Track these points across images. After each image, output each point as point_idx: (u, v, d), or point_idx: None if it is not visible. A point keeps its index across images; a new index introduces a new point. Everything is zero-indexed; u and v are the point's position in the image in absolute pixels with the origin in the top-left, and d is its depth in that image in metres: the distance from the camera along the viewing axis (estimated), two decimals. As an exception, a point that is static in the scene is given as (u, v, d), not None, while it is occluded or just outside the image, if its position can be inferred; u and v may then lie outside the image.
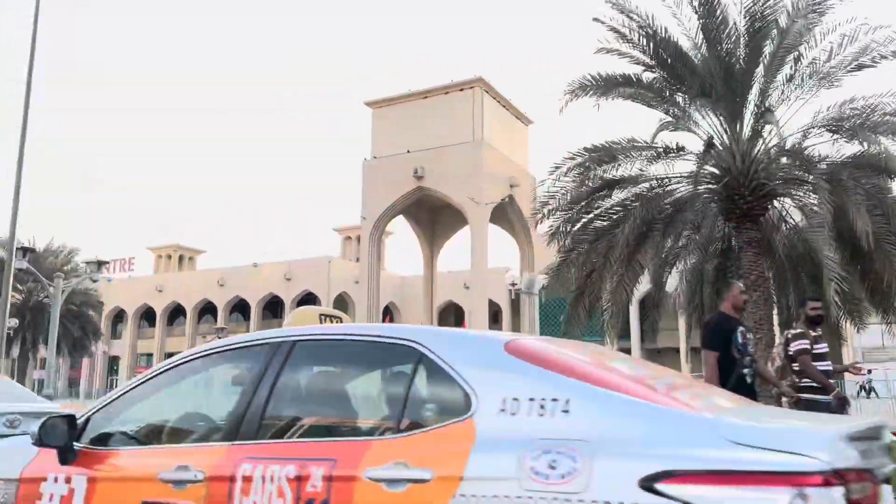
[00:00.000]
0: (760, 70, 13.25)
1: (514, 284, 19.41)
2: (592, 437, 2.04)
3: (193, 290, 57.42)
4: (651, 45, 13.63)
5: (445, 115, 36.92)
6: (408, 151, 37.52)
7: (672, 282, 15.74)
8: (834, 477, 1.82)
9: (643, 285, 14.80)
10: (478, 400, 2.25)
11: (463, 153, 35.85)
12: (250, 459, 2.51)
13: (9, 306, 34.11)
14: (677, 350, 51.76)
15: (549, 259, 15.77)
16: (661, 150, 12.18)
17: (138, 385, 3.16)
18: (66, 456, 2.92)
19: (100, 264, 21.19)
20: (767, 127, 13.02)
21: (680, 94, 13.43)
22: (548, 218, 14.14)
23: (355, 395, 2.95)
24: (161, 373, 3.16)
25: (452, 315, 56.29)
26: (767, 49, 13.24)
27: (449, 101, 37.27)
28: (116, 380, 60.32)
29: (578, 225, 13.84)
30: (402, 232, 58.41)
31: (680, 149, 12.31)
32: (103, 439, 3.05)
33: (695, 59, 13.51)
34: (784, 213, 14.10)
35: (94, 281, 21.84)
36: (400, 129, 38.16)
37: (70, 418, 2.96)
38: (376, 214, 38.15)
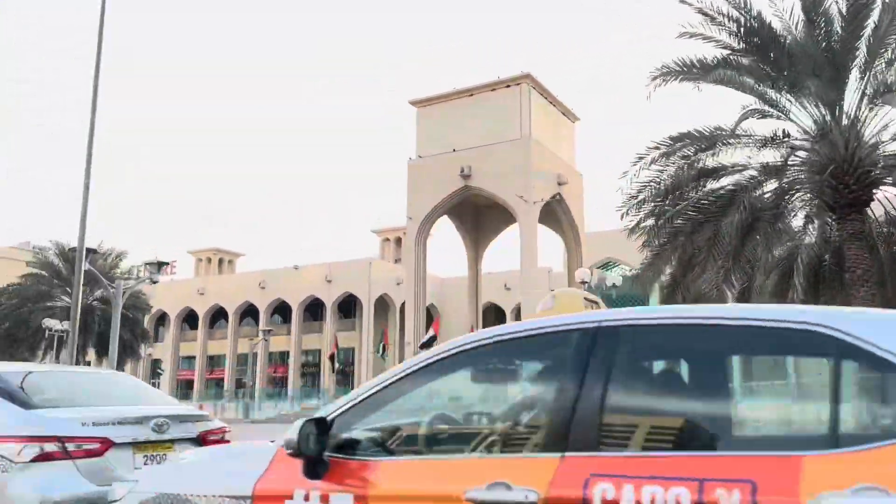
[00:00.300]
0: (863, 51, 12.53)
1: (583, 282, 18.75)
2: None
3: (235, 293, 57.59)
4: (742, 27, 12.98)
5: (492, 113, 36.36)
6: (454, 150, 37.04)
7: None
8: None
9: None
10: None
11: (511, 151, 35.25)
12: (602, 477, 1.96)
13: (60, 310, 34.51)
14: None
15: (593, 259, 15.15)
16: (769, 137, 11.47)
17: (394, 382, 2.57)
18: (317, 468, 2.41)
19: (160, 265, 21.02)
20: (872, 111, 12.30)
21: (773, 78, 12.76)
22: (637, 210, 13.49)
23: (733, 394, 2.35)
24: (419, 369, 2.57)
25: (493, 316, 55.68)
26: (869, 29, 12.53)
27: (495, 98, 36.71)
28: (159, 383, 60.78)
29: (671, 216, 13.19)
30: (440, 233, 58.08)
31: (786, 136, 11.62)
32: (349, 447, 2.50)
33: (790, 42, 12.83)
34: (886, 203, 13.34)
35: (154, 282, 21.64)
36: (445, 128, 37.70)
37: (321, 422, 2.45)
38: (422, 215, 37.70)
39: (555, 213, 38.02)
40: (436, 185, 37.30)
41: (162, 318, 61.36)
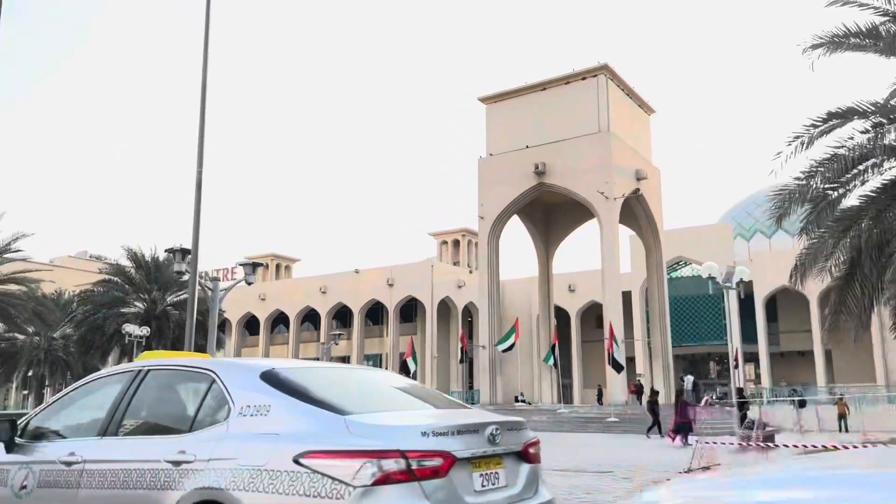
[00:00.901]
0: None
1: (711, 277, 17.36)
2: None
3: (296, 298, 57.24)
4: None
5: (567, 107, 35.06)
6: (526, 147, 35.84)
7: None
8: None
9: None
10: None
11: (589, 145, 33.88)
12: None
13: (130, 315, 34.24)
14: None
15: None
16: None
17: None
18: None
19: (254, 266, 20.26)
20: None
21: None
22: (798, 196, 12.06)
23: None
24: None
25: (557, 319, 54.24)
26: None
27: (571, 92, 35.39)
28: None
29: (836, 199, 11.75)
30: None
31: None
32: None
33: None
34: None
35: (249, 283, 20.84)
36: (517, 124, 36.56)
37: None
38: (494, 214, 36.58)
39: (632, 210, 36.53)
40: (508, 184, 36.15)
41: (222, 325, 61.37)
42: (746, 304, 49.88)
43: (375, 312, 57.16)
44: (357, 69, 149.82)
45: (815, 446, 17.57)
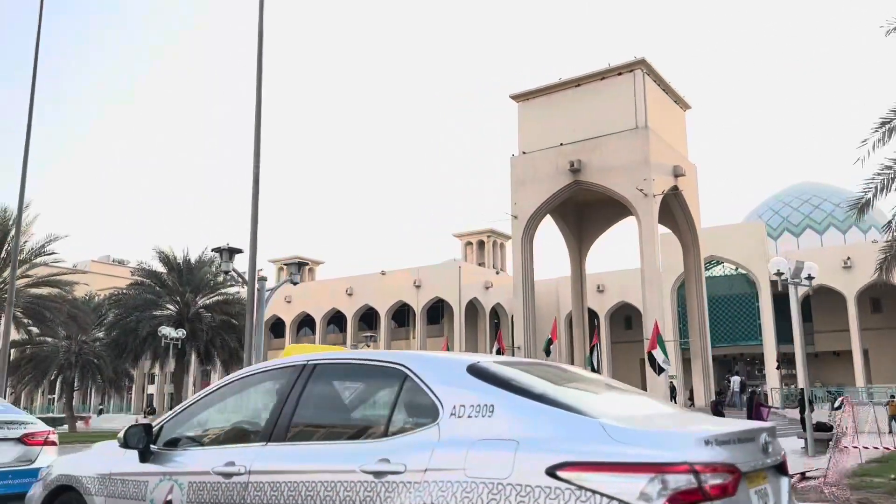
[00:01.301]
0: None
1: (779, 273, 16.69)
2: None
3: (321, 300, 56.91)
4: None
5: (603, 103, 34.40)
6: (560, 144, 35.20)
7: None
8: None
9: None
10: None
11: (626, 142, 33.20)
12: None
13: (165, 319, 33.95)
14: None
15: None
16: None
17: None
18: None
19: (300, 266, 19.82)
20: None
21: None
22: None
23: None
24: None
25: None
26: None
27: (606, 87, 34.72)
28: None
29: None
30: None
31: None
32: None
33: None
34: None
35: (295, 283, 20.39)
36: (550, 122, 35.94)
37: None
38: (527, 213, 35.93)
39: (668, 208, 35.78)
40: (541, 182, 35.53)
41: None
42: (780, 303, 48.99)
43: (401, 314, 56.74)
44: (380, 70, 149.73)
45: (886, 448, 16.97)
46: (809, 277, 15.93)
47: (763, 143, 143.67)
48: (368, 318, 57.60)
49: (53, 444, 6.96)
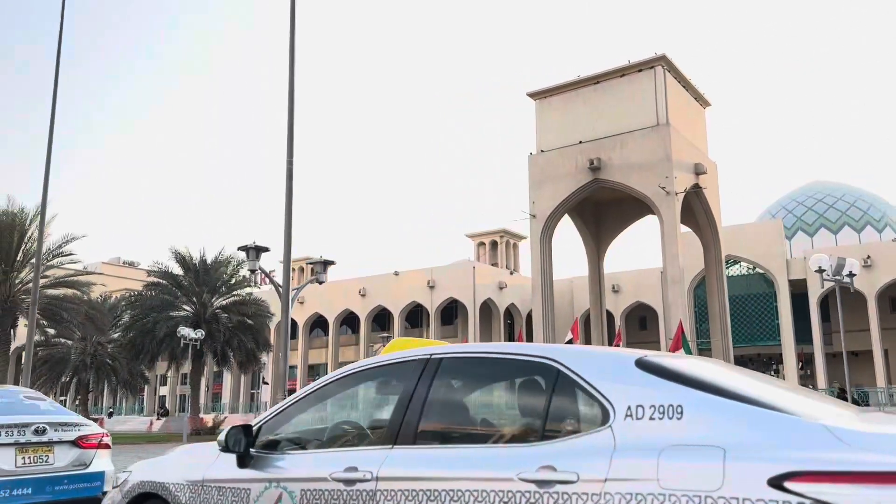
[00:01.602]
0: None
1: (820, 269, 16.25)
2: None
3: (335, 301, 56.56)
4: None
5: (622, 100, 33.97)
6: (580, 142, 34.79)
7: None
8: None
9: None
10: None
11: (647, 139, 32.76)
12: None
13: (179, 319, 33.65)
14: None
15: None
16: None
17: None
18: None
19: (325, 264, 19.41)
20: None
21: None
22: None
23: None
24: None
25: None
26: None
27: (626, 84, 34.29)
28: (258, 394, 60.29)
29: None
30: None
31: None
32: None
33: None
34: None
35: (321, 282, 20.03)
36: (569, 119, 35.53)
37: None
38: (546, 213, 35.51)
39: (689, 206, 35.32)
40: (560, 181, 35.10)
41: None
42: (799, 303, 48.44)
43: (414, 315, 56.39)
44: (392, 68, 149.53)
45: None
46: (851, 274, 15.47)
47: (775, 141, 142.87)
48: (381, 318, 57.26)
49: (107, 447, 6.61)
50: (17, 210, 28.82)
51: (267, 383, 56.46)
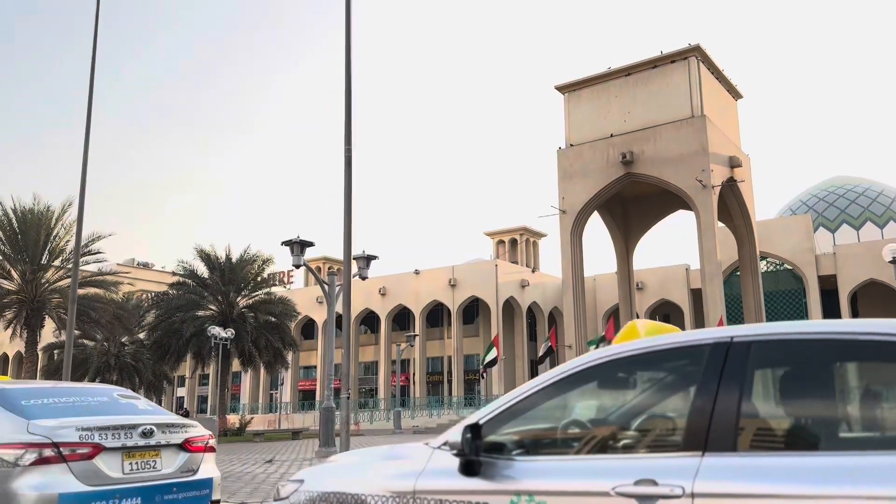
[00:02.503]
0: None
1: (894, 261, 15.54)
2: None
3: (355, 300, 55.83)
4: None
5: (655, 92, 33.31)
6: (612, 135, 34.12)
7: None
8: None
9: None
10: None
11: (681, 132, 32.07)
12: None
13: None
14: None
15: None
16: None
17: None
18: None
19: (368, 260, 18.85)
20: None
21: None
22: None
23: None
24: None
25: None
26: None
27: (659, 76, 33.62)
28: (277, 394, 59.77)
29: None
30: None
31: None
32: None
33: None
34: None
35: (364, 278, 19.41)
36: (599, 112, 34.89)
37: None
38: (576, 207, 34.85)
39: (722, 200, 34.61)
40: (590, 175, 34.45)
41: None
42: (829, 299, 47.56)
43: (434, 314, 55.72)
44: (411, 66, 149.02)
45: None
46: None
47: (793, 136, 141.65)
48: (401, 318, 56.63)
49: (213, 450, 5.96)
50: (42, 209, 28.30)
51: (282, 383, 55.94)
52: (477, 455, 2.88)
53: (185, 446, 5.64)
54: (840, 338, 2.51)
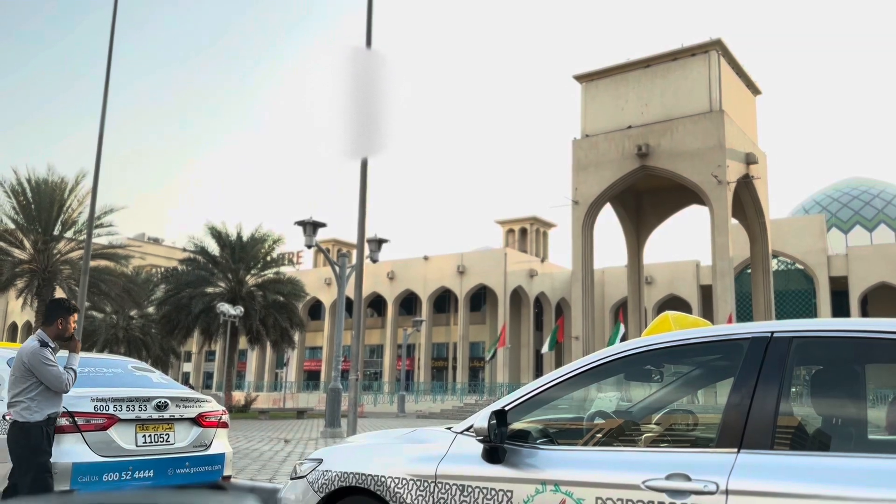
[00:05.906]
0: None
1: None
2: None
3: (364, 283, 55.90)
4: None
5: (674, 84, 32.96)
6: (629, 127, 33.84)
7: None
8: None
9: None
10: None
11: (698, 126, 31.76)
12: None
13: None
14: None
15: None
16: None
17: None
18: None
19: (380, 243, 18.81)
20: None
21: None
22: None
23: None
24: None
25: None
26: None
27: (678, 69, 33.25)
28: (283, 373, 60.03)
29: None
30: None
31: None
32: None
33: None
34: None
35: (374, 261, 19.39)
36: (617, 103, 34.57)
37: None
38: (589, 198, 34.64)
39: (737, 196, 34.32)
40: (605, 167, 34.20)
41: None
42: (839, 300, 47.29)
43: (441, 300, 55.73)
44: (422, 53, 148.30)
45: None
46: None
47: (808, 136, 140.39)
48: (409, 303, 56.67)
49: (225, 425, 5.96)
50: (57, 179, 28.34)
51: (286, 363, 56.16)
52: (501, 442, 2.84)
53: (198, 421, 5.64)
54: (890, 337, 2.43)
